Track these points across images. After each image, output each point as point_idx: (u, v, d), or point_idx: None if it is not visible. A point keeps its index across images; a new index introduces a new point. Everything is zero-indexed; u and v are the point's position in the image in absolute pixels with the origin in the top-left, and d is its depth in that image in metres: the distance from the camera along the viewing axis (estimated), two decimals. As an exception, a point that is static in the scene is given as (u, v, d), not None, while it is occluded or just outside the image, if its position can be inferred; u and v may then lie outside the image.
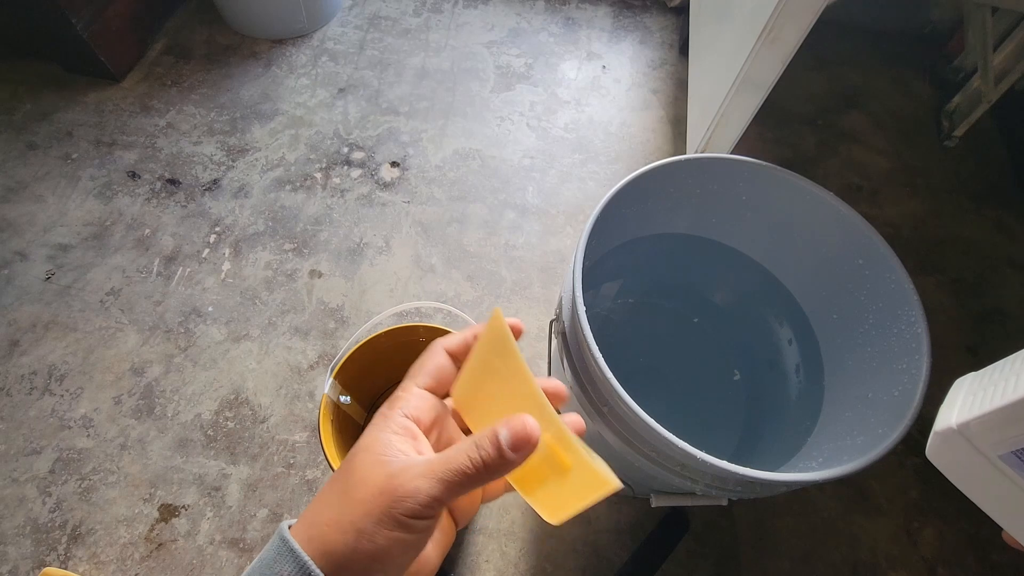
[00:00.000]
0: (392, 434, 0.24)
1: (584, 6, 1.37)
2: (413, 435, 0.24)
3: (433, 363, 0.27)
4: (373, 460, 0.23)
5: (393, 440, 0.24)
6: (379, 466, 0.22)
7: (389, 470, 0.22)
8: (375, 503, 0.21)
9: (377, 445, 0.23)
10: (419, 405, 0.26)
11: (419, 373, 0.27)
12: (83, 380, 0.85)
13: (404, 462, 0.23)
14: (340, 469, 0.24)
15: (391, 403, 0.26)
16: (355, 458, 0.23)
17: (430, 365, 0.27)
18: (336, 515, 0.22)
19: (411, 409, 0.25)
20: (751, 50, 0.73)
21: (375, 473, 0.22)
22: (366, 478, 0.22)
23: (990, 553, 0.79)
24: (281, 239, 0.99)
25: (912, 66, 1.31)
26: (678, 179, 0.64)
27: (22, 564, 0.72)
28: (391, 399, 0.26)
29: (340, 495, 0.23)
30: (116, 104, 1.13)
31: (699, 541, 0.77)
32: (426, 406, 0.26)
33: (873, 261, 0.58)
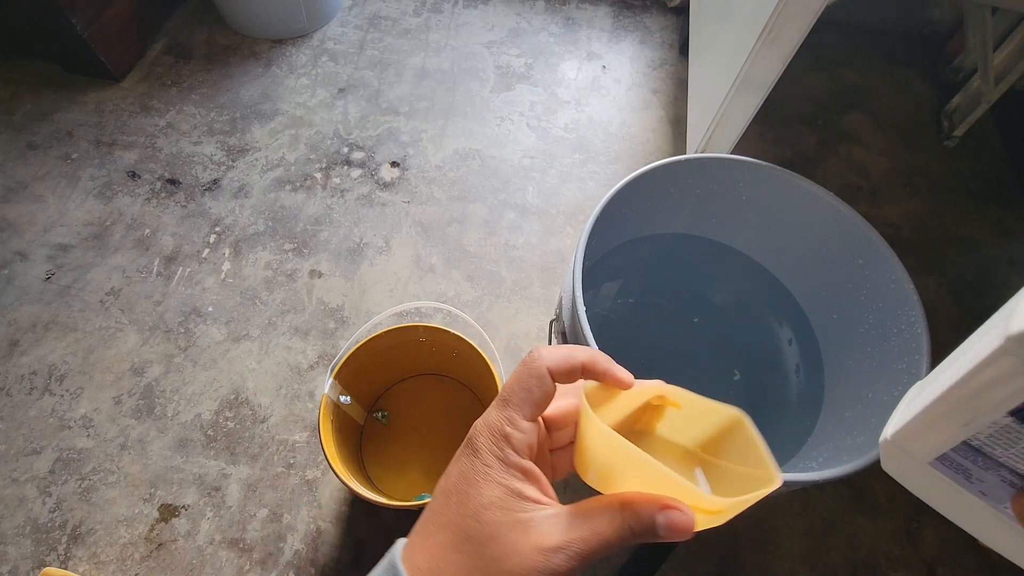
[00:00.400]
0: (519, 483, 0.22)
1: (584, 6, 1.37)
2: (535, 478, 0.23)
3: (540, 392, 0.24)
4: (512, 522, 0.21)
5: (524, 491, 0.22)
6: (523, 532, 0.21)
7: (539, 541, 0.21)
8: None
9: (509, 501, 0.22)
10: (530, 442, 0.24)
11: (524, 403, 0.24)
12: (83, 380, 0.85)
13: (547, 526, 0.21)
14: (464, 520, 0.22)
15: (498, 439, 0.23)
16: (486, 514, 0.22)
17: (537, 394, 0.24)
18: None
19: (524, 447, 0.23)
20: (751, 50, 0.73)
21: (523, 543, 0.21)
22: (514, 547, 0.21)
23: (990, 553, 0.79)
24: (281, 239, 0.99)
25: (912, 66, 1.31)
26: (678, 179, 0.64)
27: (22, 564, 0.72)
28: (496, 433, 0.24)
29: (478, 559, 0.21)
30: (116, 104, 1.13)
31: (699, 541, 0.77)
32: (534, 440, 0.24)
33: (873, 261, 0.58)
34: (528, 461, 0.23)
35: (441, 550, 0.22)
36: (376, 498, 0.62)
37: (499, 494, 0.22)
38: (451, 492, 0.23)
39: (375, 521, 0.77)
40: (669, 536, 0.21)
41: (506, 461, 0.23)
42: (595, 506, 0.22)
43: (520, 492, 0.22)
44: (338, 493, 0.78)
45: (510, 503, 0.22)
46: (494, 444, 0.23)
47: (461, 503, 0.23)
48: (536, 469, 0.23)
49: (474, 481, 0.23)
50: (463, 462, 0.24)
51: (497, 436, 0.23)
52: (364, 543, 0.75)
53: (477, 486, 0.22)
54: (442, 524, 0.23)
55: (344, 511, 0.77)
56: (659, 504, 0.21)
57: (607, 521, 0.22)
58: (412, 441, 0.80)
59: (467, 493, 0.23)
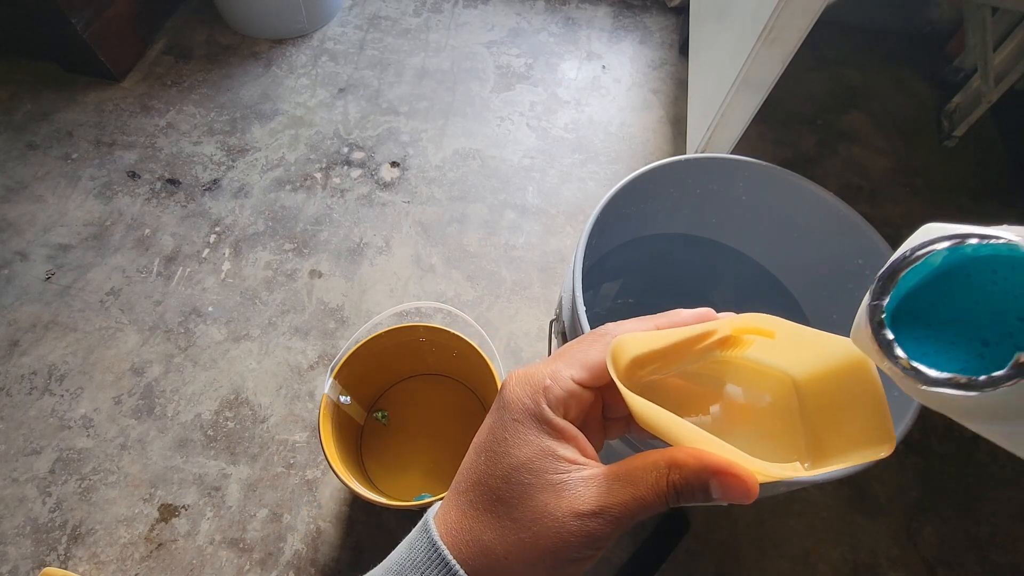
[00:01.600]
0: (551, 441, 0.21)
1: (584, 6, 1.37)
2: (571, 436, 0.21)
3: (599, 357, 0.22)
4: (543, 485, 0.20)
5: (557, 450, 0.20)
6: (555, 494, 0.20)
7: (573, 505, 0.20)
8: (565, 543, 0.19)
9: (540, 461, 0.20)
10: (570, 402, 0.21)
11: (576, 363, 0.22)
12: (83, 380, 0.85)
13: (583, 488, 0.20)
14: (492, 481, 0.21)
15: (534, 391, 0.21)
16: (516, 476, 0.20)
17: (593, 356, 0.22)
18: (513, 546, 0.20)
19: (561, 405, 0.21)
20: (751, 50, 0.73)
21: (556, 506, 0.20)
22: (545, 510, 0.20)
23: (990, 553, 0.79)
24: (281, 239, 0.99)
25: (912, 66, 1.31)
26: (678, 179, 0.64)
27: (22, 564, 0.72)
28: (533, 384, 0.22)
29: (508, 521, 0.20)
30: (116, 104, 1.13)
31: (699, 541, 0.77)
32: (574, 402, 0.22)
33: (873, 261, 0.58)
34: (564, 421, 0.21)
35: (473, 509, 0.21)
36: (376, 498, 0.62)
37: (529, 454, 0.20)
38: (481, 449, 0.22)
39: (375, 521, 0.77)
40: (725, 500, 0.19)
41: (538, 416, 0.21)
42: (639, 466, 0.20)
43: (552, 451, 0.20)
44: (338, 493, 0.78)
45: (542, 464, 0.20)
46: (527, 396, 0.21)
47: (490, 462, 0.21)
48: (573, 428, 0.21)
49: (502, 439, 0.21)
50: (493, 416, 0.22)
51: (535, 387, 0.21)
52: (364, 543, 0.75)
53: (505, 444, 0.21)
54: (473, 482, 0.22)
55: (344, 511, 0.77)
56: (712, 467, 0.19)
57: (651, 484, 0.20)
58: (412, 441, 0.80)
59: (496, 452, 0.21)
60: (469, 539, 0.21)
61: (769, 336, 0.22)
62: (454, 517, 0.21)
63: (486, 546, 0.20)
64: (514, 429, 0.21)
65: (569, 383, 0.22)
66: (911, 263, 0.17)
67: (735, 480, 0.19)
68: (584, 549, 0.20)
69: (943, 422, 0.88)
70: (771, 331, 0.22)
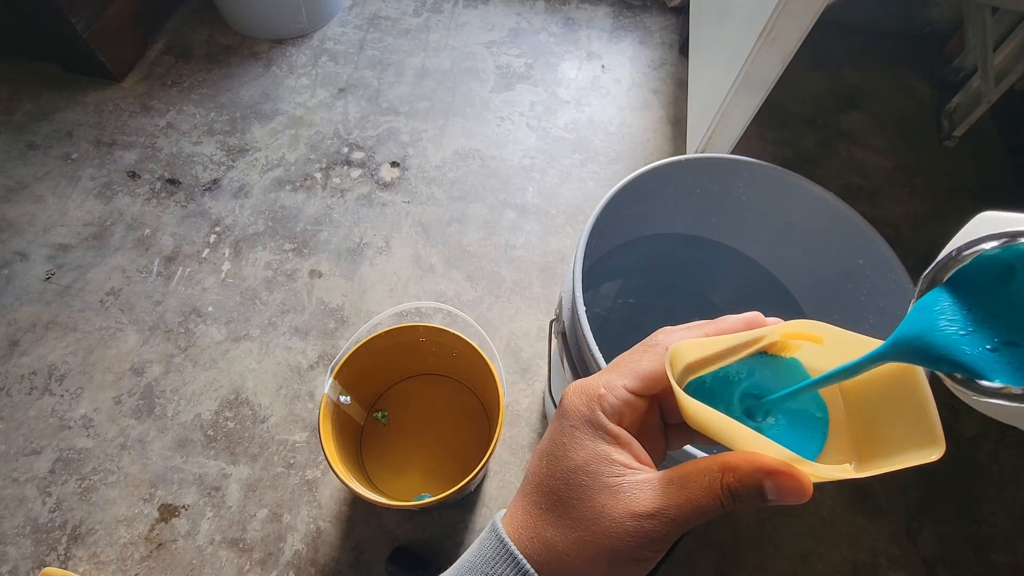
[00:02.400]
0: (606, 446, 0.22)
1: (584, 6, 1.37)
2: (625, 442, 0.22)
3: (650, 366, 0.23)
4: (600, 487, 0.21)
5: (612, 454, 0.21)
6: (611, 496, 0.21)
7: (630, 507, 0.20)
8: (623, 543, 0.20)
9: (597, 464, 0.21)
10: (624, 411, 0.22)
11: (629, 373, 0.23)
12: (83, 380, 0.85)
13: (638, 491, 0.21)
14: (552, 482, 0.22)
15: (589, 399, 0.22)
16: (574, 478, 0.22)
17: (645, 367, 0.23)
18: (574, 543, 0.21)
19: (616, 413, 0.22)
20: (751, 50, 0.73)
21: (613, 507, 0.21)
22: (603, 511, 0.21)
23: (990, 553, 0.79)
24: (281, 239, 0.99)
25: (912, 66, 1.31)
26: (678, 179, 0.64)
27: (22, 564, 0.72)
28: (589, 393, 0.23)
29: (568, 520, 0.21)
30: (116, 104, 1.13)
31: (699, 541, 0.77)
32: (628, 410, 0.23)
33: (873, 261, 0.58)
34: (619, 427, 0.22)
35: (537, 509, 0.22)
36: (376, 498, 0.62)
37: (585, 457, 0.22)
38: (544, 454, 0.23)
39: (375, 521, 0.77)
40: (780, 502, 0.20)
41: (594, 423, 0.22)
42: (692, 470, 0.21)
43: (607, 456, 0.21)
44: (338, 493, 0.78)
45: (597, 467, 0.21)
46: (583, 404, 0.22)
47: (551, 465, 0.22)
48: (627, 435, 0.22)
49: (561, 444, 0.22)
50: (554, 424, 0.23)
51: (590, 396, 0.23)
52: (364, 543, 0.75)
53: (564, 449, 0.22)
54: (536, 484, 0.23)
55: (344, 511, 0.77)
56: (766, 468, 0.20)
57: (704, 487, 0.20)
58: (412, 441, 0.80)
59: (555, 456, 0.22)
60: (534, 536, 0.22)
61: (817, 341, 0.23)
62: (520, 516, 0.23)
63: (549, 542, 0.21)
64: (571, 435, 0.22)
65: (623, 392, 0.23)
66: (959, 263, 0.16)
67: (790, 480, 0.19)
68: (641, 550, 0.20)
69: (943, 422, 0.88)
70: (819, 336, 0.23)
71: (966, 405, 0.20)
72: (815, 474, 0.19)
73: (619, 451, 0.22)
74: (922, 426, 0.20)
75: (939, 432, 0.19)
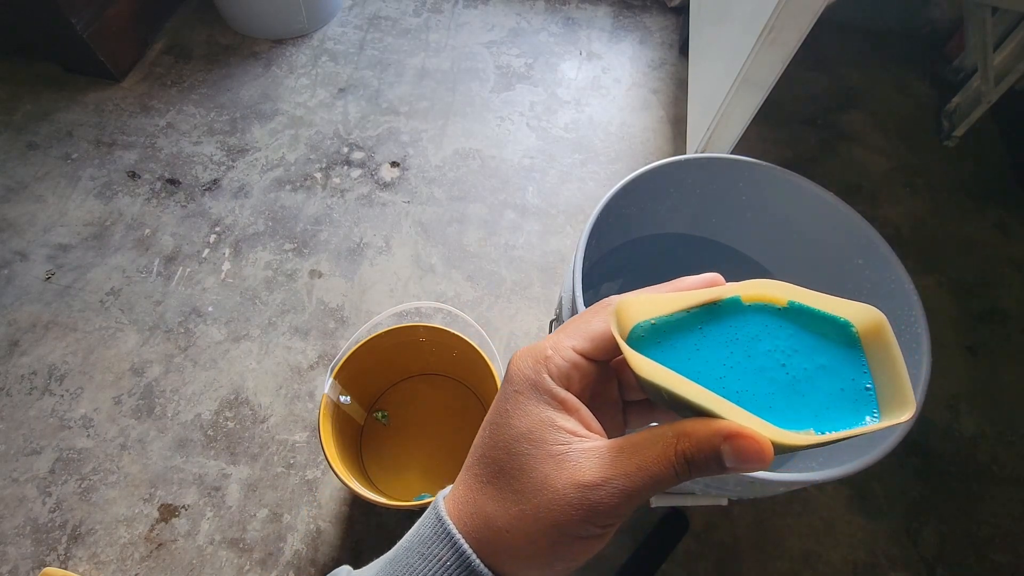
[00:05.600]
0: (551, 411, 0.20)
1: (584, 6, 1.37)
2: (574, 407, 0.21)
3: (601, 326, 0.21)
4: (544, 456, 0.20)
5: (557, 420, 0.20)
6: (556, 465, 0.19)
7: (574, 476, 0.19)
8: (566, 516, 0.19)
9: (542, 431, 0.20)
10: (572, 374, 0.21)
11: (578, 333, 0.22)
12: (83, 380, 0.85)
13: (584, 459, 0.19)
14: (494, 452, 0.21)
15: (535, 361, 0.21)
16: (516, 447, 0.20)
17: (596, 327, 0.21)
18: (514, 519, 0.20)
19: (564, 377, 0.21)
20: (751, 50, 0.73)
21: (556, 477, 0.19)
22: (545, 481, 0.19)
23: (990, 553, 0.79)
24: (281, 239, 0.99)
25: (912, 66, 1.31)
26: (678, 179, 0.64)
27: (22, 564, 0.72)
28: (536, 356, 0.21)
29: (509, 492, 0.20)
30: (116, 104, 1.13)
31: (699, 541, 0.77)
32: (577, 373, 0.21)
33: (873, 261, 0.58)
34: (566, 391, 0.21)
35: (478, 482, 0.21)
36: (376, 498, 0.62)
37: (529, 424, 0.20)
38: (487, 423, 0.22)
39: (375, 521, 0.77)
40: (739, 467, 0.18)
41: (539, 387, 0.21)
42: (645, 437, 0.19)
43: (552, 422, 0.20)
44: (338, 493, 0.78)
45: (542, 434, 0.20)
46: (529, 368, 0.21)
47: (493, 434, 0.21)
48: (575, 400, 0.21)
49: (504, 411, 0.21)
50: (500, 390, 0.22)
51: (536, 358, 0.21)
52: (364, 543, 0.75)
53: (507, 416, 0.21)
54: (478, 456, 0.22)
55: (344, 511, 0.77)
56: (724, 432, 0.18)
57: (657, 454, 0.19)
58: (412, 441, 0.80)
59: (498, 424, 0.21)
60: (473, 511, 0.20)
61: (779, 303, 0.22)
62: (461, 491, 0.21)
63: (489, 517, 0.20)
64: (515, 400, 0.21)
65: (570, 353, 0.21)
66: None
67: (748, 442, 0.18)
68: (587, 524, 0.19)
69: (943, 422, 0.88)
70: (781, 298, 0.22)
71: (966, 404, 0.20)
72: (778, 439, 0.18)
73: (565, 417, 0.20)
74: (893, 387, 0.19)
75: (910, 392, 0.18)
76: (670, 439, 0.19)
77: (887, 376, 0.19)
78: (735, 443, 0.18)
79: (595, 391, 0.23)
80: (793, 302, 0.22)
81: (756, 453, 0.18)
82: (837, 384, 0.20)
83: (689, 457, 0.18)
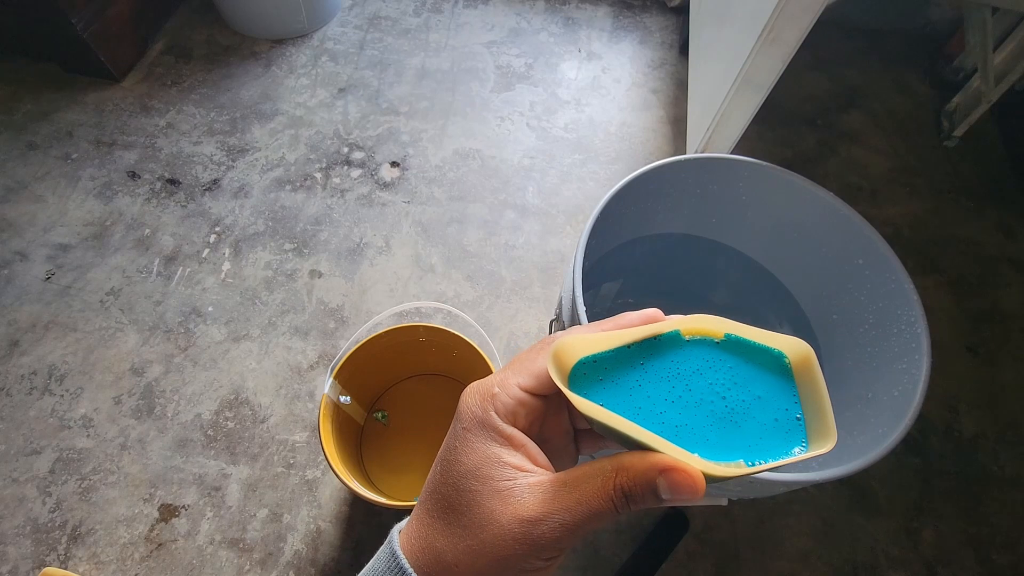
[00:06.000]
0: (499, 448, 0.21)
1: (584, 6, 1.37)
2: (520, 443, 0.21)
3: (543, 363, 0.22)
4: (490, 492, 0.20)
5: (503, 457, 0.21)
6: (501, 501, 0.20)
7: (518, 512, 0.20)
8: (511, 551, 0.19)
9: (487, 468, 0.21)
10: (518, 410, 0.22)
11: (524, 370, 0.22)
12: (83, 380, 0.85)
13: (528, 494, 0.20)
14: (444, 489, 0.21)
15: (483, 399, 0.22)
16: (464, 483, 0.21)
17: (541, 365, 0.22)
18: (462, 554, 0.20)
19: (510, 413, 0.22)
20: (751, 50, 0.73)
21: (502, 513, 0.20)
22: (491, 517, 0.20)
23: (990, 553, 0.79)
24: (281, 239, 0.99)
25: (912, 66, 1.31)
26: (678, 179, 0.64)
27: (22, 564, 0.72)
28: (483, 393, 0.22)
29: (458, 528, 0.20)
30: (116, 104, 1.13)
31: (699, 541, 0.77)
32: (523, 410, 0.22)
33: (873, 261, 0.58)
34: (512, 428, 0.21)
35: (429, 517, 0.22)
36: (376, 498, 0.62)
37: (476, 461, 0.21)
38: (439, 459, 0.23)
39: (375, 521, 0.77)
40: (673, 499, 0.19)
41: (485, 424, 0.21)
42: (586, 472, 0.20)
43: (499, 458, 0.21)
44: (338, 493, 0.78)
45: (488, 470, 0.21)
46: (477, 405, 0.22)
47: (444, 471, 0.22)
48: (521, 436, 0.21)
49: (453, 447, 0.22)
50: (451, 426, 0.23)
51: (484, 396, 0.22)
52: (364, 543, 0.75)
53: (456, 453, 0.22)
54: (429, 492, 0.22)
55: (344, 511, 0.77)
56: (659, 466, 0.19)
57: (597, 488, 0.19)
58: (412, 441, 0.80)
59: (448, 460, 0.22)
60: (425, 546, 0.21)
61: (716, 336, 0.23)
62: (414, 526, 0.22)
63: (439, 553, 0.21)
64: (463, 437, 0.22)
65: (516, 390, 0.22)
66: None
67: (682, 476, 0.19)
68: (530, 558, 0.20)
69: (943, 422, 0.88)
70: (718, 331, 0.23)
71: (966, 404, 0.20)
72: (709, 471, 0.19)
73: (511, 453, 0.21)
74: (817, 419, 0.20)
75: (832, 425, 0.20)
76: (609, 473, 0.20)
77: (813, 407, 0.20)
78: (669, 476, 0.19)
79: (546, 422, 0.23)
80: (730, 335, 0.23)
81: (689, 486, 0.19)
82: (771, 414, 0.21)
83: (627, 490, 0.19)
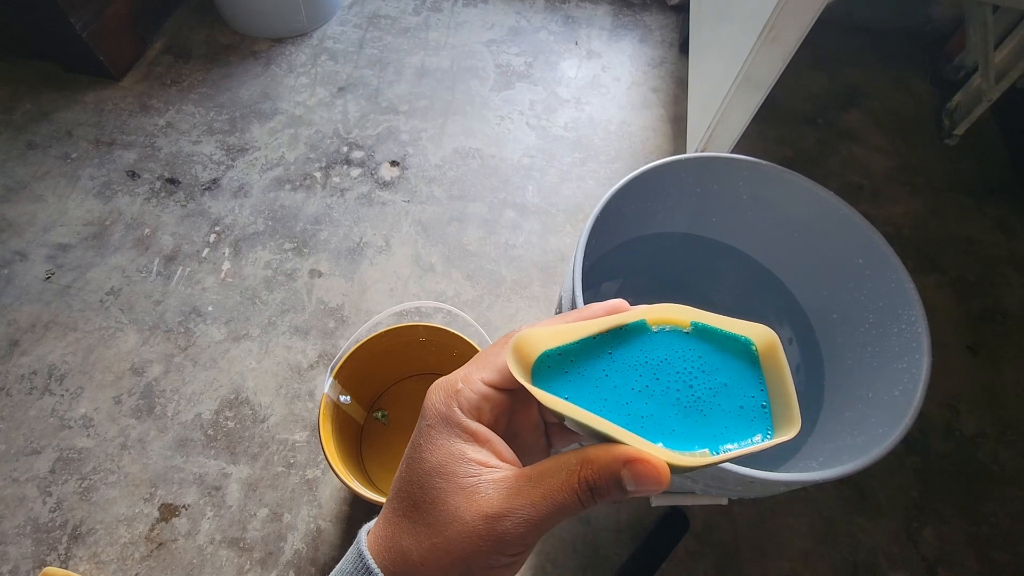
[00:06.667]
0: (462, 444, 0.21)
1: (584, 4, 1.37)
2: (484, 438, 0.21)
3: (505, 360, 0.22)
4: (454, 488, 0.20)
5: (467, 453, 0.21)
6: (466, 498, 0.20)
7: (482, 508, 0.20)
8: (475, 547, 0.19)
9: (452, 465, 0.20)
10: (483, 405, 0.22)
11: (487, 365, 0.22)
12: (83, 380, 0.85)
13: (493, 490, 0.20)
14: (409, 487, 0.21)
15: (447, 395, 0.22)
16: (429, 480, 0.21)
17: (503, 359, 0.22)
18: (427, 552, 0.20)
19: (474, 409, 0.22)
20: (751, 49, 0.73)
21: (466, 510, 0.20)
22: (456, 514, 0.20)
23: (990, 553, 0.79)
24: (281, 239, 0.99)
25: (912, 65, 1.30)
26: (678, 178, 0.64)
27: (22, 564, 0.72)
28: (447, 390, 0.22)
29: (423, 526, 0.20)
30: (115, 104, 1.13)
31: (699, 541, 0.77)
32: (487, 405, 0.22)
33: (873, 260, 0.58)
34: (476, 423, 0.21)
35: (395, 516, 0.22)
36: (376, 498, 0.62)
37: (440, 458, 0.21)
38: (405, 457, 0.22)
39: (375, 521, 0.77)
40: (638, 491, 0.19)
41: (449, 420, 0.21)
42: (551, 466, 0.20)
43: (463, 455, 0.21)
44: (338, 493, 0.78)
45: (453, 467, 0.20)
46: (440, 402, 0.22)
47: (409, 469, 0.22)
48: (486, 431, 0.21)
49: (418, 445, 0.22)
50: (416, 424, 0.23)
51: (448, 392, 0.22)
52: (364, 543, 0.75)
53: (420, 451, 0.21)
54: (396, 491, 0.22)
55: (344, 511, 0.77)
56: (623, 458, 0.19)
57: (561, 482, 0.19)
58: (412, 441, 0.80)
59: (413, 458, 0.22)
60: (391, 545, 0.21)
61: (683, 325, 0.23)
62: (381, 526, 0.22)
63: (405, 551, 0.21)
64: (427, 435, 0.21)
65: (479, 385, 0.22)
66: None
67: (646, 467, 0.19)
68: (496, 555, 0.19)
69: (943, 422, 0.88)
70: (684, 320, 0.23)
71: (966, 404, 0.20)
72: (673, 461, 0.19)
73: (476, 449, 0.21)
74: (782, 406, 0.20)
75: (796, 412, 0.20)
76: (574, 467, 0.20)
77: (778, 394, 0.20)
78: (633, 468, 0.19)
79: (515, 417, 0.23)
80: (696, 323, 0.23)
81: (653, 477, 0.18)
82: (737, 402, 0.21)
83: (592, 483, 0.19)
